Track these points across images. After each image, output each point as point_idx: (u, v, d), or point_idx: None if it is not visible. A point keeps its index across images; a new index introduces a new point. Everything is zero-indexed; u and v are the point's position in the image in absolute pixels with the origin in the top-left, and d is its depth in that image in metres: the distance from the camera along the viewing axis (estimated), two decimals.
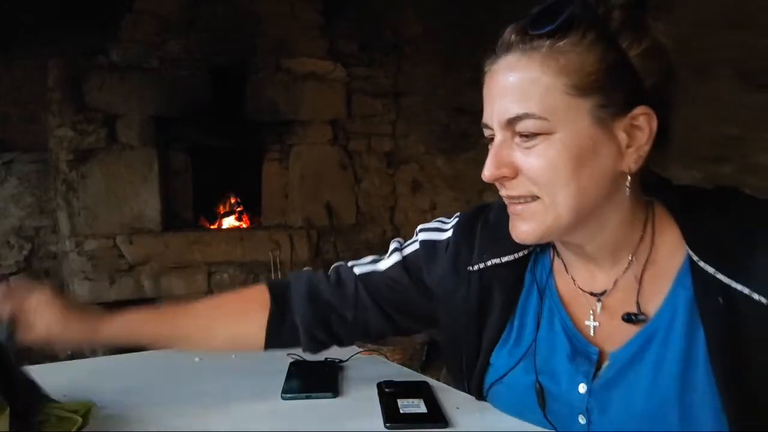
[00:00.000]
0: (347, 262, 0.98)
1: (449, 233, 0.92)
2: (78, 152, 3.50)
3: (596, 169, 0.69)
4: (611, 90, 0.67)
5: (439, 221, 0.96)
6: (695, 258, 0.70)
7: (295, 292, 0.94)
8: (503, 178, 0.71)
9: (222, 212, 4.16)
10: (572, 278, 0.80)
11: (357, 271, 0.95)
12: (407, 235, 0.98)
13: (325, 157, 4.11)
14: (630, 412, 0.71)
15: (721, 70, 2.27)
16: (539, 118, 0.67)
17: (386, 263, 0.94)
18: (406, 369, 1.12)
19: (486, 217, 0.91)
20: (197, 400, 0.94)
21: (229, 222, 4.14)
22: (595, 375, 0.74)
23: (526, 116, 0.67)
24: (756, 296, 0.65)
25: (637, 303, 0.74)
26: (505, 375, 0.82)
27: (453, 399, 0.91)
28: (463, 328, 0.87)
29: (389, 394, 0.92)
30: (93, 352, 3.58)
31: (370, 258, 0.97)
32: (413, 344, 3.62)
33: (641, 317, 0.73)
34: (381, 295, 0.92)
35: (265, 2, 3.85)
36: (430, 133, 4.02)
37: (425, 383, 0.97)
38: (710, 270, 0.68)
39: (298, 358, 1.12)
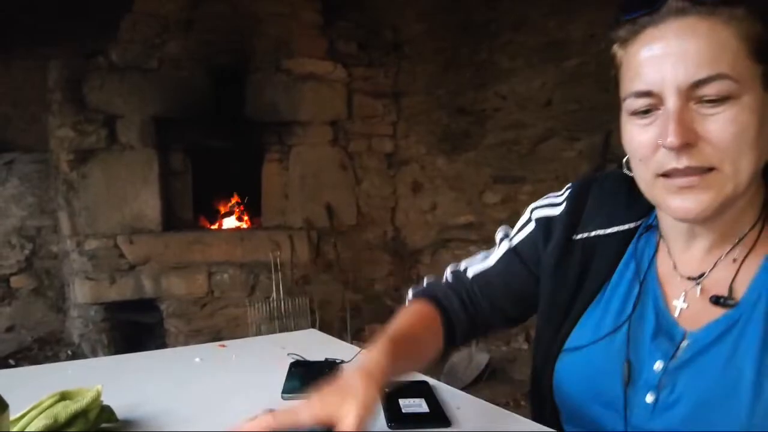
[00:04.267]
0: (461, 264, 0.99)
1: (563, 206, 0.89)
2: (78, 152, 3.51)
3: (764, 136, 0.68)
4: None
5: (551, 196, 0.94)
6: None
7: (450, 304, 0.94)
8: (687, 146, 0.66)
9: (222, 212, 4.16)
10: (674, 262, 0.79)
11: (470, 273, 0.96)
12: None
13: (326, 158, 4.11)
14: (699, 394, 0.70)
15: None
16: (732, 79, 0.64)
17: (495, 256, 0.95)
18: None
19: (601, 185, 0.88)
20: (197, 400, 0.94)
21: (229, 222, 4.14)
22: (674, 355, 0.73)
23: (719, 77, 0.65)
24: None
25: (730, 287, 0.72)
26: (589, 344, 0.81)
27: (454, 399, 0.91)
28: (559, 294, 0.86)
29: (390, 393, 0.92)
30: (92, 353, 3.59)
31: (482, 255, 0.98)
32: None
33: (730, 301, 0.71)
34: (494, 290, 0.94)
35: (265, 2, 3.85)
36: (431, 133, 4.02)
37: (426, 383, 0.97)
38: None
39: (299, 358, 1.12)
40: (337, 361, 1.10)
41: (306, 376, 1.02)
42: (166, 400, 0.93)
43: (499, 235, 0.98)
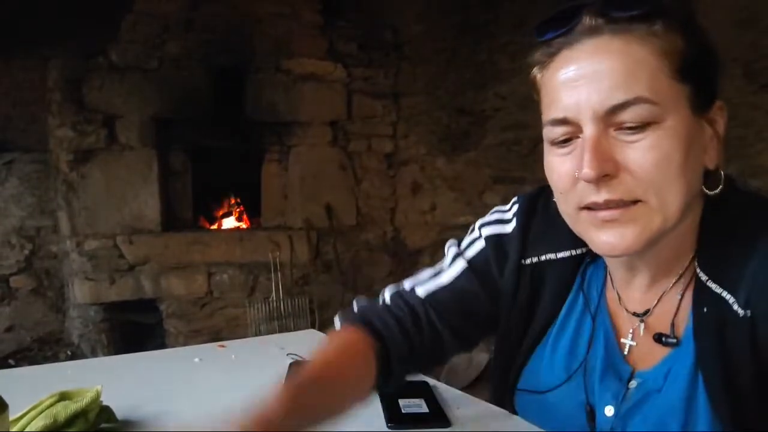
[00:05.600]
0: (404, 284, 0.87)
1: (513, 223, 0.83)
2: (78, 153, 3.50)
3: (695, 164, 0.63)
4: (703, 77, 0.63)
5: (497, 212, 0.87)
6: (698, 269, 0.66)
7: (388, 331, 0.79)
8: (605, 178, 0.60)
9: (222, 213, 4.16)
10: (618, 294, 0.75)
11: (420, 292, 0.84)
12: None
13: (325, 158, 4.11)
14: None
15: (729, 69, 2.26)
16: (652, 102, 0.59)
17: (450, 273, 0.85)
18: None
19: (546, 203, 0.81)
20: (197, 400, 0.94)
21: (228, 223, 4.14)
22: (624, 397, 0.69)
23: (636, 101, 0.59)
24: (736, 306, 0.61)
25: (672, 323, 0.68)
26: (547, 391, 0.77)
27: (454, 399, 0.91)
28: (512, 323, 0.81)
29: (390, 394, 0.92)
30: (92, 354, 3.59)
31: (429, 272, 0.87)
32: None
33: (671, 339, 0.67)
34: (450, 311, 0.83)
35: (265, 2, 3.85)
36: (431, 133, 4.02)
37: (425, 383, 0.97)
38: (703, 278, 0.65)
39: (298, 358, 1.12)
40: None
41: None
42: (166, 401, 0.93)
43: (451, 249, 0.89)
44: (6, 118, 3.65)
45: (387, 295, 0.87)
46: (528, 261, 0.79)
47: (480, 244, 0.85)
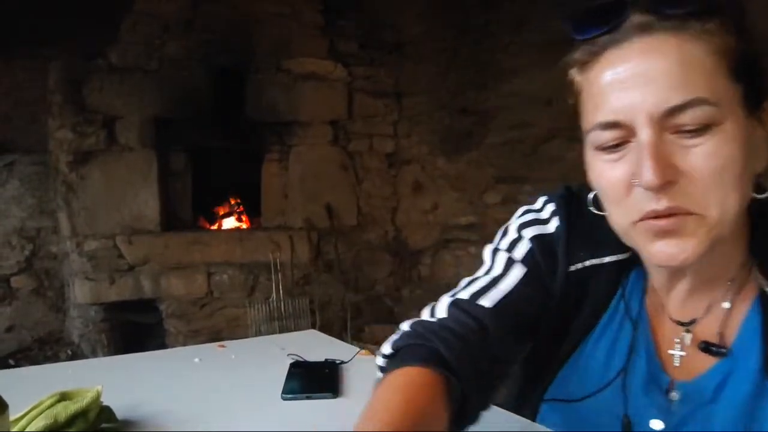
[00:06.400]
0: (459, 294, 0.74)
1: (554, 222, 0.77)
2: (78, 154, 3.51)
3: (750, 168, 0.60)
4: (756, 77, 0.60)
5: (530, 212, 0.80)
6: (761, 277, 0.63)
7: (460, 365, 0.66)
8: (667, 185, 0.56)
9: (222, 213, 4.16)
10: (662, 304, 0.71)
11: (486, 303, 0.72)
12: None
13: (326, 158, 4.11)
14: None
15: None
16: (711, 104, 0.56)
17: (509, 280, 0.75)
18: None
19: (579, 204, 0.74)
20: (197, 400, 0.94)
21: (228, 223, 4.14)
22: (669, 410, 0.67)
23: (695, 102, 0.56)
24: None
25: (720, 333, 0.65)
26: (581, 399, 0.73)
27: None
28: (549, 329, 0.76)
29: None
30: (92, 353, 3.59)
31: (483, 280, 0.75)
32: None
33: (721, 349, 0.64)
34: (517, 320, 0.74)
35: (265, 2, 3.85)
36: (432, 133, 4.02)
37: None
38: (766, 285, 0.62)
39: (299, 358, 1.12)
40: (337, 361, 1.10)
41: (306, 376, 1.01)
42: (166, 401, 0.93)
43: (500, 255, 0.78)
44: (6, 119, 3.65)
45: (441, 308, 0.73)
46: (574, 268, 0.75)
47: (525, 246, 0.77)
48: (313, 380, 0.99)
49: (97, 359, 2.69)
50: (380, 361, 0.71)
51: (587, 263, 0.74)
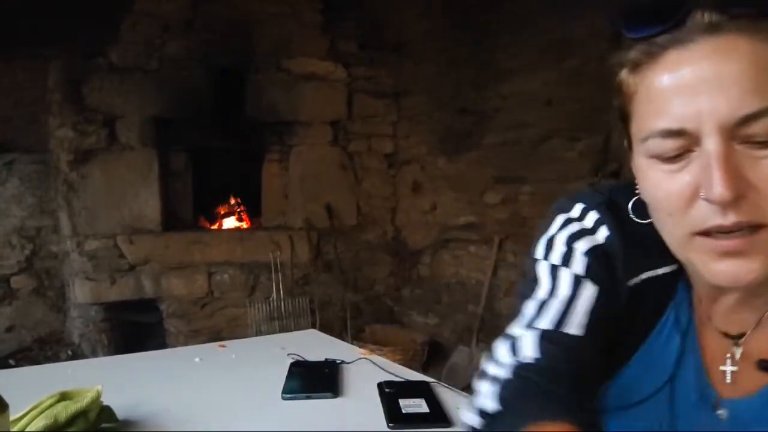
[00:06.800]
0: (539, 324, 0.69)
1: (603, 232, 0.71)
2: (78, 153, 3.51)
3: None
4: None
5: (572, 222, 0.74)
6: None
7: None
8: (737, 199, 0.52)
9: (222, 213, 4.16)
10: (709, 316, 0.67)
11: (574, 330, 0.67)
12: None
13: (326, 158, 4.11)
14: None
15: None
16: None
17: (584, 301, 0.69)
18: (406, 369, 1.11)
19: (621, 211, 0.70)
20: (197, 400, 0.94)
21: (229, 222, 4.14)
22: (716, 425, 0.63)
23: None
24: None
25: None
26: (628, 407, 0.69)
27: (453, 399, 0.90)
28: (604, 342, 0.71)
29: (390, 394, 0.92)
30: (93, 353, 3.59)
31: (558, 304, 0.69)
32: (414, 344, 3.62)
33: None
34: (602, 342, 0.70)
35: (265, 2, 3.85)
36: (432, 133, 4.02)
37: (425, 383, 0.97)
38: None
39: (299, 358, 1.12)
40: (337, 361, 1.10)
41: (306, 376, 1.02)
42: (166, 400, 0.93)
43: (563, 271, 0.71)
44: (6, 118, 3.66)
45: (532, 344, 0.66)
46: (632, 282, 0.69)
47: (581, 260, 0.71)
48: (313, 380, 1.00)
49: (97, 359, 2.69)
50: (476, 420, 0.64)
51: (643, 276, 0.69)
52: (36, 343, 3.76)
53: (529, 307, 0.70)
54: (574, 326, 0.66)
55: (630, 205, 0.66)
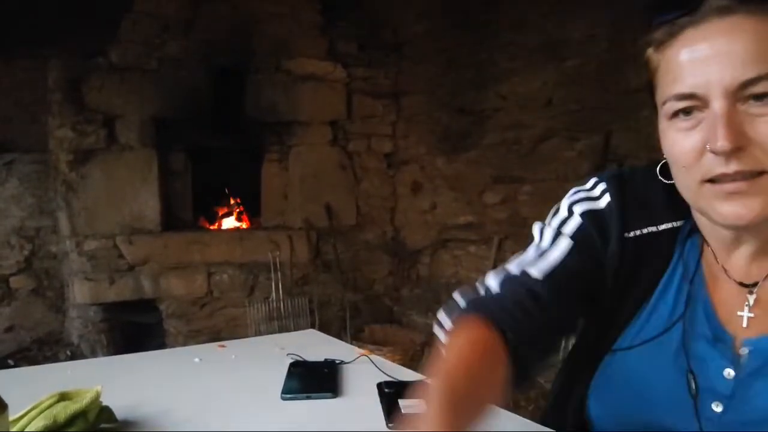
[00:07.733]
0: (509, 269, 0.81)
1: (606, 198, 0.81)
2: (78, 153, 3.51)
3: None
4: None
5: (580, 191, 0.84)
6: None
7: (514, 324, 0.74)
8: (737, 150, 0.63)
9: (221, 213, 4.16)
10: (723, 267, 0.75)
11: (536, 273, 0.78)
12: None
13: (325, 158, 4.11)
14: None
15: None
16: None
17: (556, 253, 0.80)
18: (406, 369, 1.12)
19: (633, 182, 0.82)
20: (197, 400, 0.94)
21: (228, 222, 4.14)
22: (739, 363, 0.71)
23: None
24: None
25: None
26: (640, 344, 0.77)
27: None
28: (612, 295, 0.80)
29: (389, 394, 0.92)
30: (92, 354, 3.59)
31: (531, 253, 0.82)
32: (413, 344, 3.62)
33: None
34: (566, 290, 0.79)
35: (265, 2, 3.85)
36: (431, 133, 4.02)
37: (425, 383, 0.97)
38: None
39: (298, 358, 1.12)
40: (337, 361, 1.10)
41: (305, 376, 1.02)
42: (166, 400, 0.93)
43: (548, 230, 0.83)
44: (6, 118, 3.65)
45: (493, 283, 0.80)
46: (631, 234, 0.79)
47: (576, 221, 0.82)
48: (313, 380, 1.00)
49: (97, 359, 2.69)
50: (439, 329, 0.78)
51: (644, 231, 0.79)
52: (35, 344, 3.76)
53: (513, 258, 0.83)
54: (537, 270, 0.78)
55: (658, 168, 0.76)
